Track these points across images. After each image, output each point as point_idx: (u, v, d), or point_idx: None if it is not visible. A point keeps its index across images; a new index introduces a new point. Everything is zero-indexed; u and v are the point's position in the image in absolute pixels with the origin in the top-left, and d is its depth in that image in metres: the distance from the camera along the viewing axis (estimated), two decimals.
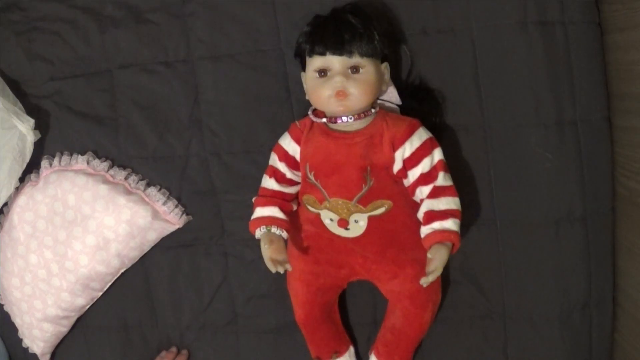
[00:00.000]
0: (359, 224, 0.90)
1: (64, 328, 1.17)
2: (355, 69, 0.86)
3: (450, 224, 0.85)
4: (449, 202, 0.87)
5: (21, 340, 1.21)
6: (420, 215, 0.88)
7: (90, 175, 1.09)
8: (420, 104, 0.97)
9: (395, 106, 0.95)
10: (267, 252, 0.89)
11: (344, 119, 0.88)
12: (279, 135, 0.97)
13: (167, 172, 1.10)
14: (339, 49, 0.85)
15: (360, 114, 0.88)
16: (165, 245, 1.12)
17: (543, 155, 0.99)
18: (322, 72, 0.87)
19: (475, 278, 1.05)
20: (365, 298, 1.07)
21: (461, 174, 0.98)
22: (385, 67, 0.91)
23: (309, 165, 0.91)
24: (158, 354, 1.16)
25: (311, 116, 0.92)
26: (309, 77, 0.89)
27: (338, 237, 0.93)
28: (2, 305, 1.21)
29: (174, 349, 1.15)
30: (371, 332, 1.07)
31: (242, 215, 1.04)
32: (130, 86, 1.10)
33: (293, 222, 0.96)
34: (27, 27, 1.12)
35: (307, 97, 0.92)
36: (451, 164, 0.90)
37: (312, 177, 0.90)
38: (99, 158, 1.11)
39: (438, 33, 1.00)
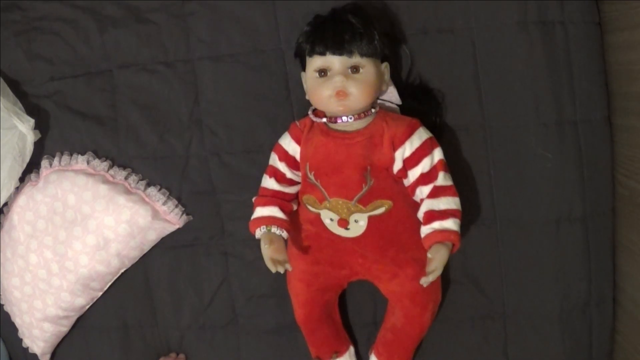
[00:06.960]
0: (359, 224, 0.90)
1: (64, 328, 1.17)
2: (355, 69, 0.86)
3: (450, 224, 0.85)
4: (449, 202, 0.87)
5: (21, 340, 1.21)
6: (420, 215, 0.88)
7: (90, 175, 1.09)
8: (420, 104, 0.97)
9: (395, 106, 0.95)
10: (267, 252, 0.89)
11: (344, 118, 0.88)
12: (279, 135, 0.97)
13: (167, 172, 1.10)
14: (339, 48, 0.85)
15: (360, 114, 0.88)
16: (165, 245, 1.12)
17: (543, 155, 0.99)
18: (322, 72, 0.87)
19: (475, 278, 1.05)
20: (365, 298, 1.07)
21: (461, 174, 0.98)
22: (385, 67, 0.91)
23: (309, 165, 0.91)
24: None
25: (311, 116, 0.92)
26: (309, 77, 0.89)
27: (338, 237, 0.93)
28: (2, 305, 1.21)
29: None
30: (371, 332, 1.07)
31: (242, 215, 1.04)
32: (130, 86, 1.10)
33: (293, 222, 0.96)
34: (27, 27, 1.12)
35: (307, 97, 0.92)
36: (451, 164, 0.90)
37: (312, 177, 0.90)
38: (99, 158, 1.11)
39: (438, 33, 1.00)
